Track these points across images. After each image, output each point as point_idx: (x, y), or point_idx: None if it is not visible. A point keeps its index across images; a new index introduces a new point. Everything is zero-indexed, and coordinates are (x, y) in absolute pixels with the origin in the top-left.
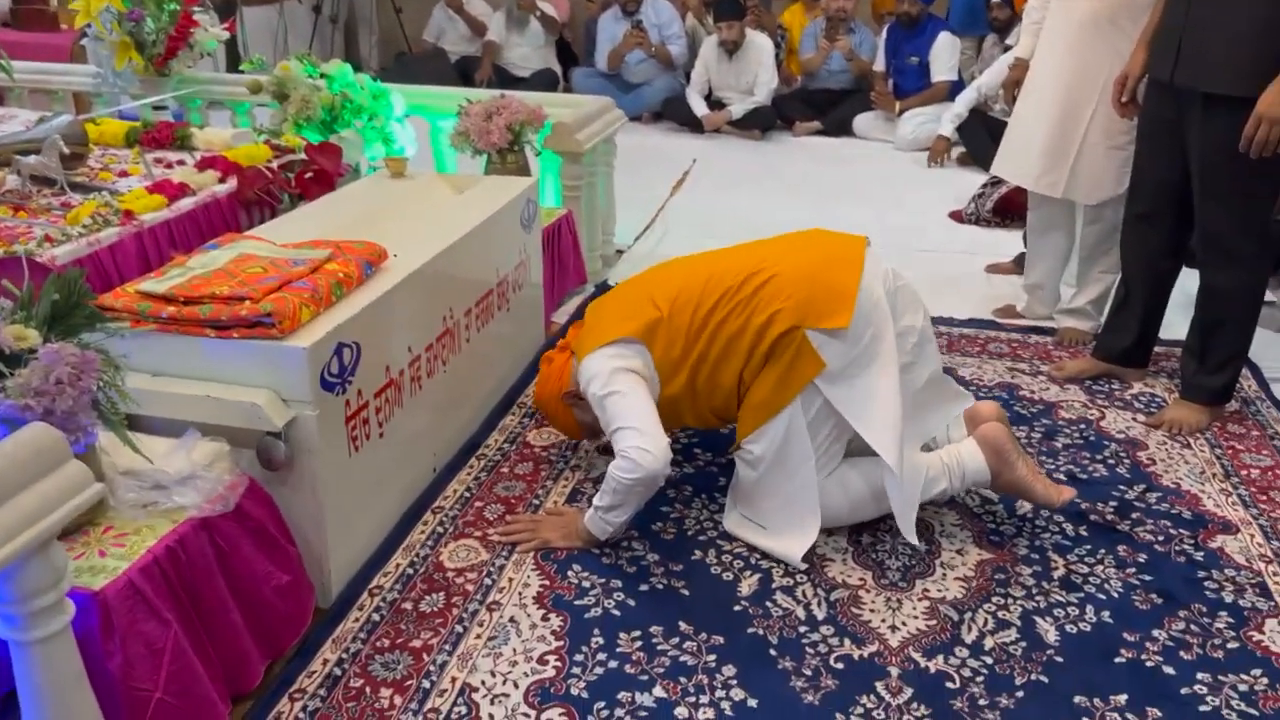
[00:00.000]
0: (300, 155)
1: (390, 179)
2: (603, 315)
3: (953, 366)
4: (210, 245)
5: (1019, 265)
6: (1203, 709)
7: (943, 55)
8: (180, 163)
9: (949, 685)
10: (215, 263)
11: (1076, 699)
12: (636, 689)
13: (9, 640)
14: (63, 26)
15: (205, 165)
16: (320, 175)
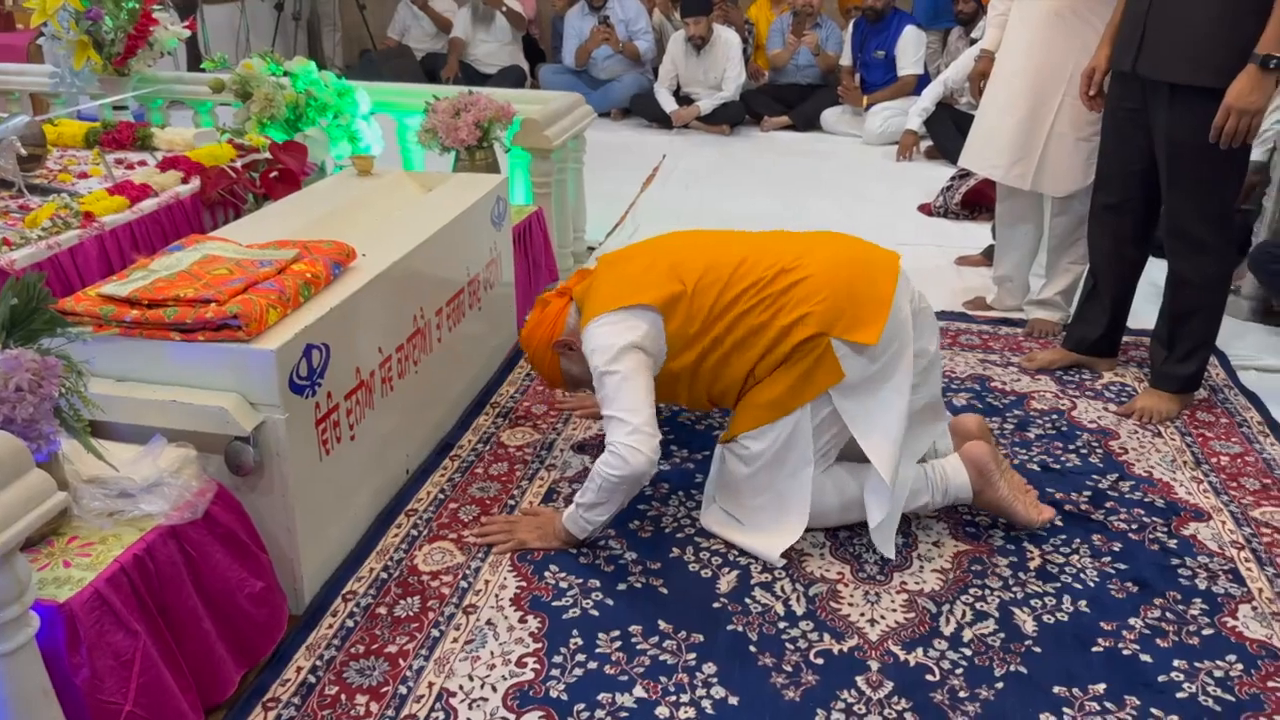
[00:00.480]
0: (265, 154)
1: (357, 177)
2: (620, 275)
3: None
4: (174, 247)
5: (988, 257)
6: (1179, 696)
7: (908, 49)
8: (142, 163)
9: (929, 678)
10: (179, 265)
11: (1056, 689)
12: (617, 690)
13: None
14: (18, 26)
15: (167, 166)
16: (285, 174)
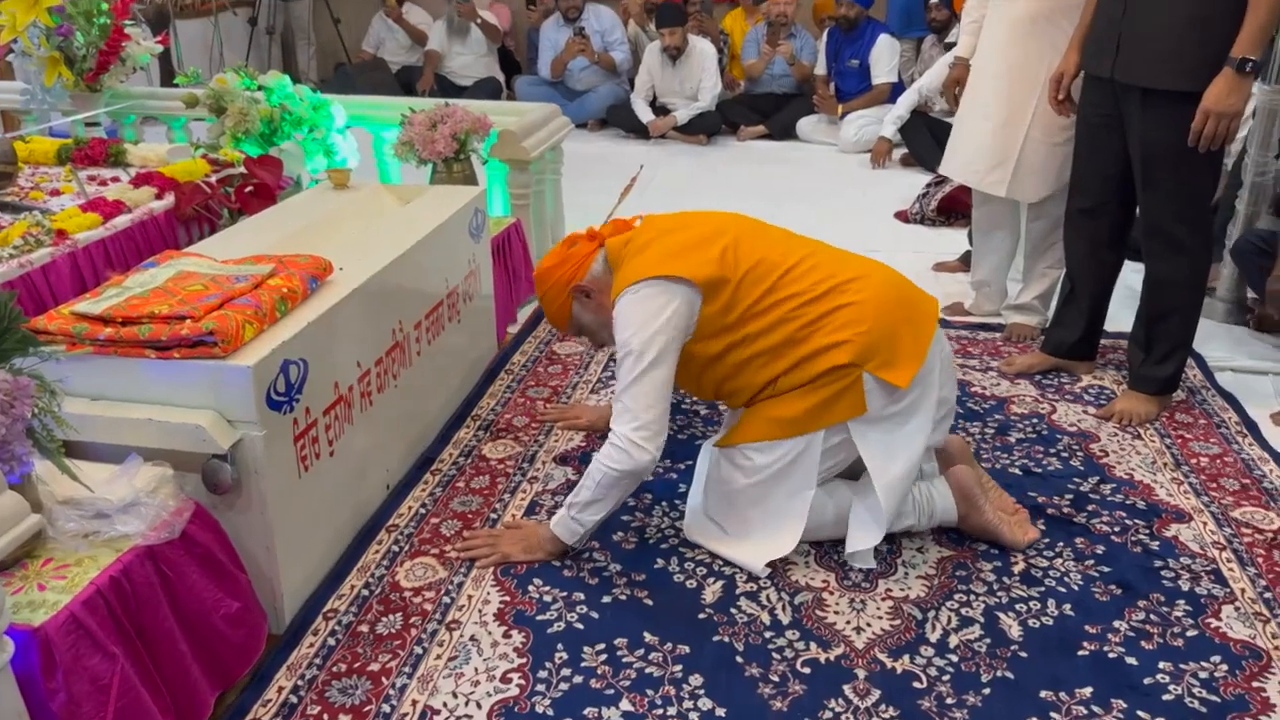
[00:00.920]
0: (240, 169)
1: (333, 191)
2: (669, 242)
3: None
4: (148, 263)
5: (965, 263)
6: (1165, 698)
7: (882, 58)
8: (115, 180)
9: (916, 685)
10: (154, 281)
11: (1043, 694)
12: (603, 704)
13: None
14: None
15: (141, 182)
16: (261, 189)
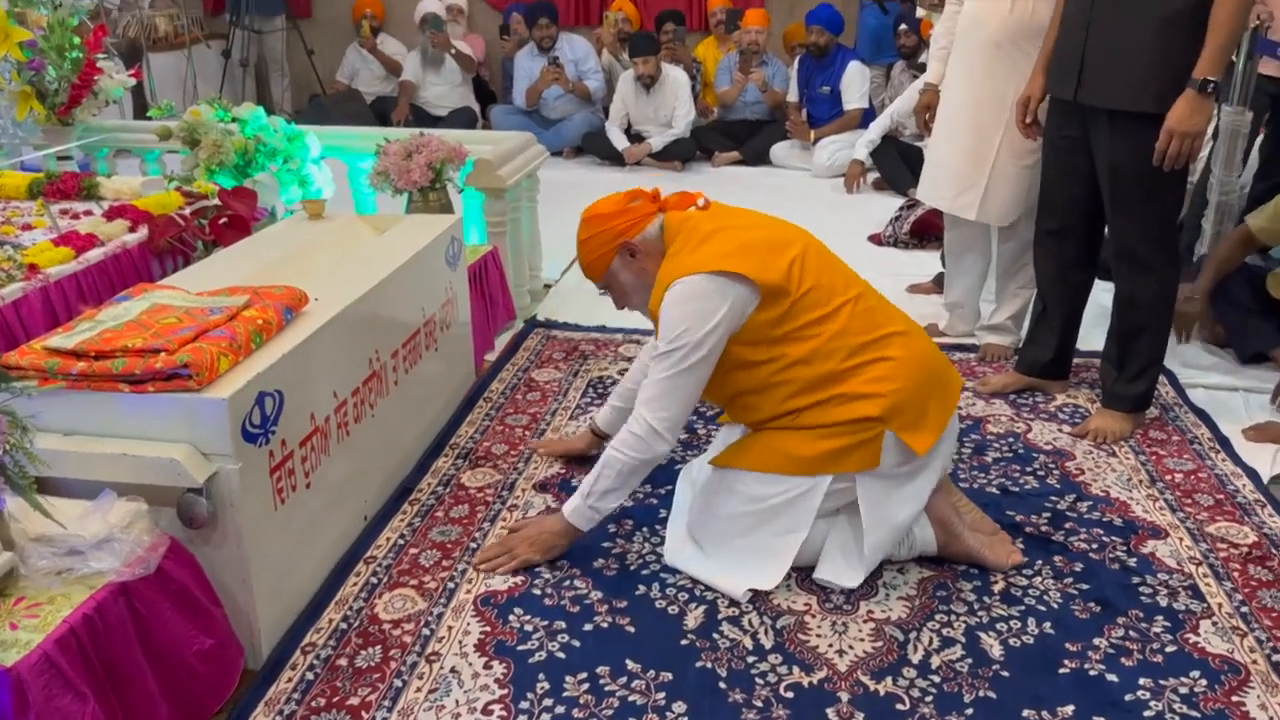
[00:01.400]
0: (214, 201)
1: (308, 221)
2: (740, 238)
3: None
4: (121, 297)
5: (939, 285)
6: (1147, 714)
7: (853, 84)
8: (88, 213)
9: (899, 707)
10: (127, 315)
11: (1025, 712)
12: None
13: None
14: None
15: (114, 215)
16: (235, 220)
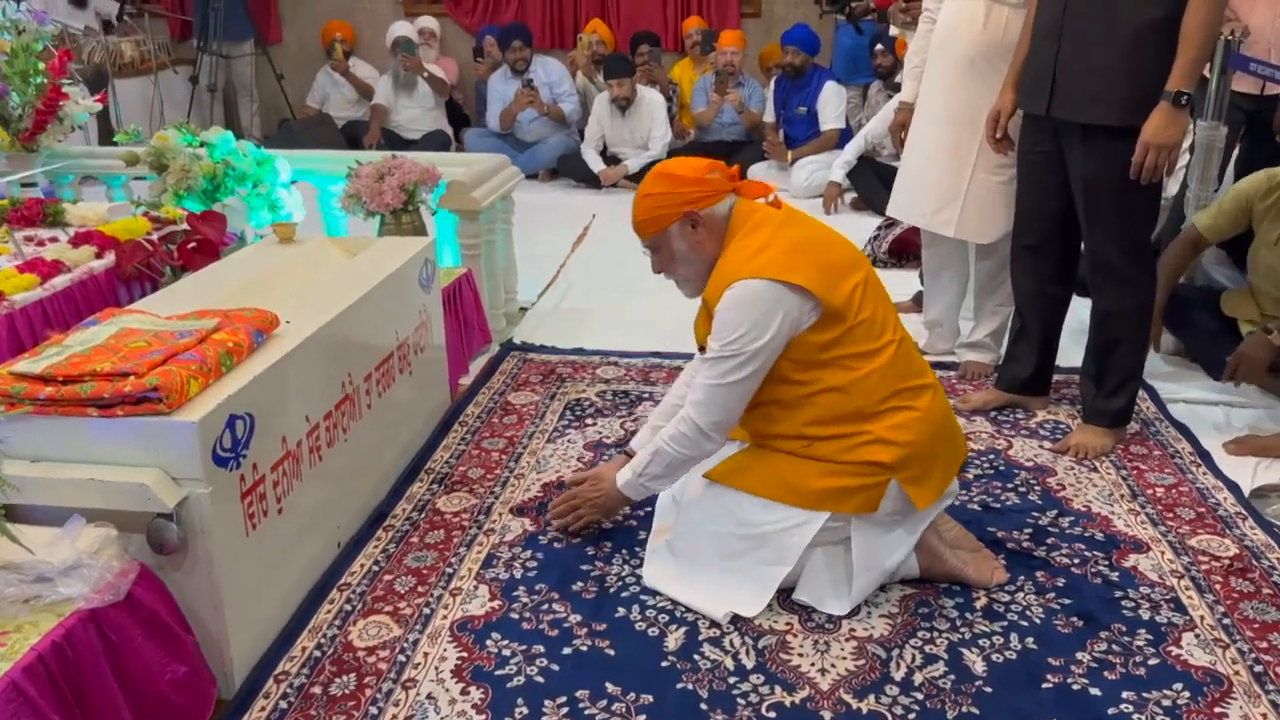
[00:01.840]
0: (182, 226)
1: (278, 245)
2: (812, 252)
3: None
4: (89, 321)
5: (918, 303)
6: None
7: (830, 104)
8: (53, 240)
9: None
10: (95, 339)
11: None
12: None
13: None
14: None
15: (80, 241)
16: (204, 245)
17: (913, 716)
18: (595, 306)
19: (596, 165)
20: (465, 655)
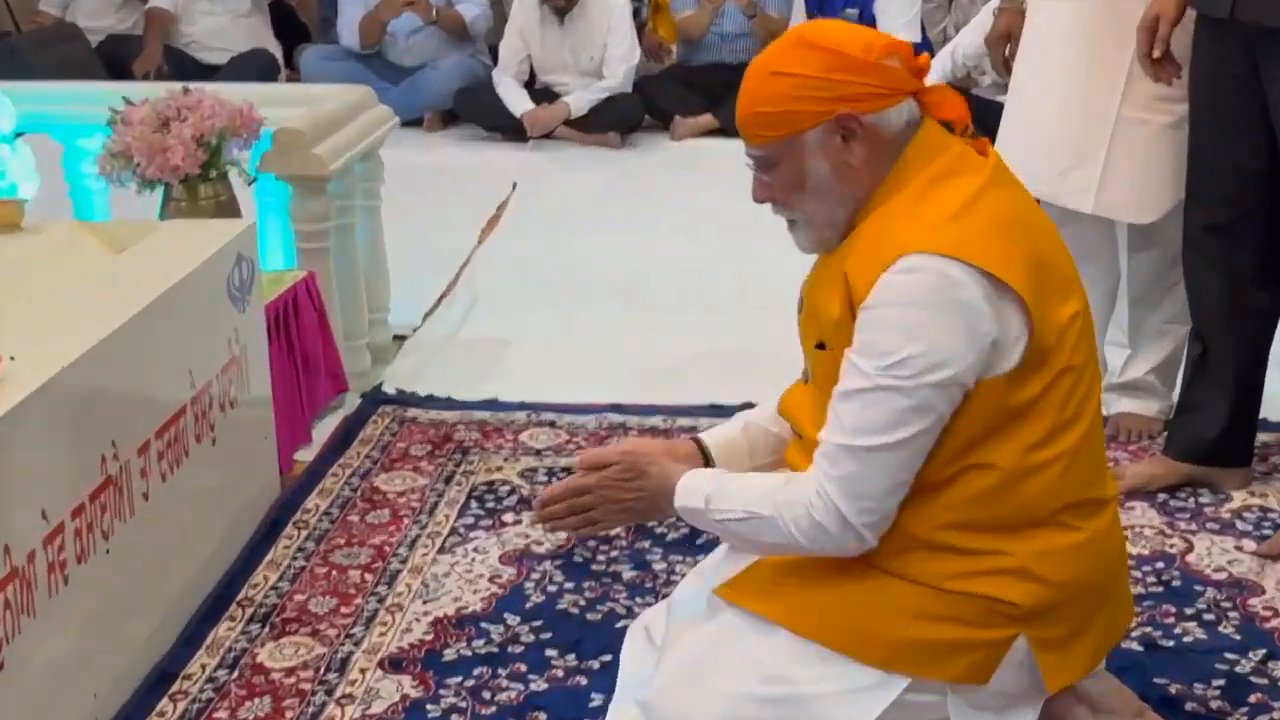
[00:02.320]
0: None
1: None
2: (1035, 238)
3: None
4: None
5: None
6: None
7: (894, 5)
8: None
9: None
10: None
11: None
12: None
13: None
14: None
15: None
16: None
17: None
18: (517, 332)
19: (520, 105)
20: None
